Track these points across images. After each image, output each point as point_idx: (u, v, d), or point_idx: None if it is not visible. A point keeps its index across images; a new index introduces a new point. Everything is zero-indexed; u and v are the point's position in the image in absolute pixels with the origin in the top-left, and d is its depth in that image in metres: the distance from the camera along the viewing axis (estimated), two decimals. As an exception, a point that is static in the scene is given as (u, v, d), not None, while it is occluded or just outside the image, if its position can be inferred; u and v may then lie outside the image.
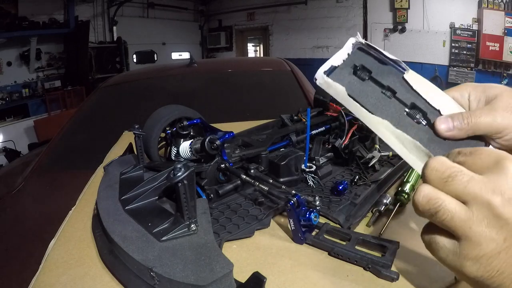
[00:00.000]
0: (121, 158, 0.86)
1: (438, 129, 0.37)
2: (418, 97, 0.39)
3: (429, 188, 0.31)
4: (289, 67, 2.13)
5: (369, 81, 0.42)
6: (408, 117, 0.40)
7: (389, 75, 0.41)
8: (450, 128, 0.37)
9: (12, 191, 1.29)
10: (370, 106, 0.40)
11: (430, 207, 0.30)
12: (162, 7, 7.63)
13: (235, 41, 8.52)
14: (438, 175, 0.30)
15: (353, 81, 0.42)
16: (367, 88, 0.41)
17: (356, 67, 0.42)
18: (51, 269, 0.54)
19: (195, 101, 1.67)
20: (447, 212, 0.29)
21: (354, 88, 0.41)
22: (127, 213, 0.58)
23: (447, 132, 0.37)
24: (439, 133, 0.37)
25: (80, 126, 1.77)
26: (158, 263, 0.45)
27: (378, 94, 0.41)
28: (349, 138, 0.81)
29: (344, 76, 0.42)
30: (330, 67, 0.43)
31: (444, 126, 0.37)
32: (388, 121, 0.39)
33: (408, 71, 0.40)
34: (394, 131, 0.39)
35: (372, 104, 0.40)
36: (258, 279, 0.44)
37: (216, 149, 0.69)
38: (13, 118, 5.38)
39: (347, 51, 0.43)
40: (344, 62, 0.43)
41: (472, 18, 5.82)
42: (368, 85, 0.42)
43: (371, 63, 0.42)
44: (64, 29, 5.81)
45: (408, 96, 0.40)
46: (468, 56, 6.00)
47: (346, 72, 0.42)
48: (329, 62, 0.43)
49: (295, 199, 0.55)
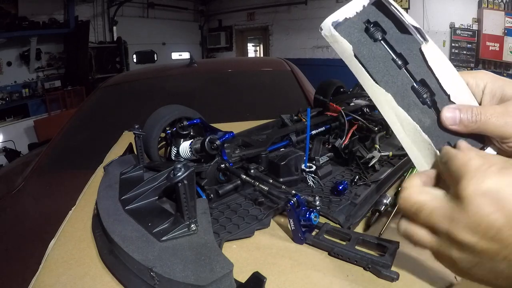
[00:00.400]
0: (121, 158, 0.86)
1: (443, 119, 0.35)
2: (430, 74, 0.35)
3: (405, 223, 0.34)
4: (289, 67, 2.13)
5: (381, 43, 0.36)
6: (414, 94, 0.36)
7: (405, 41, 0.36)
8: (456, 121, 0.34)
9: (12, 191, 1.29)
10: (376, 73, 0.36)
11: (408, 239, 0.34)
12: (162, 7, 7.62)
13: (235, 41, 8.51)
14: (407, 210, 0.33)
15: (363, 40, 0.36)
16: (377, 51, 0.36)
17: (370, 23, 0.36)
18: (51, 269, 0.54)
19: (195, 101, 1.67)
20: (422, 243, 0.32)
21: (362, 48, 0.36)
22: (127, 213, 0.58)
23: (452, 125, 0.35)
24: (442, 123, 0.35)
25: (80, 126, 1.77)
26: (158, 263, 0.45)
27: (388, 61, 0.36)
28: (349, 138, 0.81)
29: (354, 32, 0.37)
30: (339, 18, 0.37)
31: (450, 119, 0.34)
32: (391, 95, 0.36)
33: (428, 42, 0.35)
34: (396, 108, 0.36)
35: (378, 71, 0.36)
36: (258, 279, 0.44)
37: (216, 149, 0.69)
38: (13, 118, 5.38)
39: (363, 2, 0.36)
40: (357, 14, 0.37)
41: (472, 18, 5.82)
42: (379, 47, 0.36)
43: (388, 23, 0.36)
44: (64, 29, 5.81)
45: (421, 70, 0.36)
46: (468, 56, 6.00)
47: (357, 27, 0.37)
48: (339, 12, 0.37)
49: (295, 199, 0.55)
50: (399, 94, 0.36)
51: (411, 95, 0.36)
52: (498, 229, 0.27)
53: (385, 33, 0.36)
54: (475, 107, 0.34)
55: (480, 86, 0.37)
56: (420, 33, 0.36)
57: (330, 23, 0.37)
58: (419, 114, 0.36)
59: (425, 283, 0.47)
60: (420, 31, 0.36)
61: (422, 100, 0.36)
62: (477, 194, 0.27)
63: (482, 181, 0.27)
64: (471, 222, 0.27)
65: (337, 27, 0.37)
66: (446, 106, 0.35)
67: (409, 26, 0.36)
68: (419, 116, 0.36)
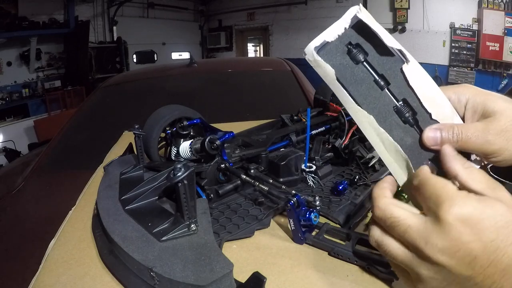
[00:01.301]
0: (121, 158, 0.86)
1: (424, 140, 0.35)
2: (412, 94, 0.36)
3: (378, 232, 0.34)
4: (289, 67, 2.13)
5: (363, 65, 0.37)
6: (396, 114, 0.37)
7: (387, 62, 0.37)
8: (437, 141, 0.35)
9: (12, 191, 1.29)
10: (358, 96, 0.37)
11: (379, 249, 0.34)
12: (162, 7, 7.62)
13: (235, 41, 8.51)
14: (382, 222, 0.33)
15: (345, 63, 0.37)
16: (359, 73, 0.37)
17: (352, 45, 0.37)
18: (51, 269, 0.54)
19: (195, 101, 1.67)
20: (393, 256, 0.33)
21: (344, 72, 0.37)
22: (127, 213, 0.58)
23: (433, 145, 0.35)
24: (424, 143, 0.35)
25: (80, 126, 1.77)
26: (158, 263, 0.45)
27: (370, 83, 0.37)
28: (349, 138, 0.81)
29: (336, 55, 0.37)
30: (322, 42, 0.37)
31: (431, 139, 0.35)
32: (373, 116, 0.36)
33: (409, 62, 0.36)
34: (378, 129, 0.36)
35: (360, 93, 0.37)
36: (258, 279, 0.44)
37: (216, 149, 0.69)
38: (13, 118, 5.38)
39: (345, 25, 0.36)
40: (339, 37, 0.37)
41: (472, 18, 5.82)
42: (361, 69, 0.37)
43: (370, 45, 0.37)
44: (64, 29, 5.81)
45: (402, 90, 0.36)
46: (468, 56, 6.00)
47: (339, 50, 0.37)
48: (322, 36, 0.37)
49: (295, 199, 0.55)
50: (381, 115, 0.37)
51: (393, 115, 0.37)
52: (475, 257, 0.28)
53: (367, 54, 0.37)
54: (456, 126, 0.35)
55: (462, 102, 0.37)
56: (402, 53, 0.36)
57: (312, 48, 0.37)
58: (401, 134, 0.37)
59: (425, 283, 0.47)
60: (401, 52, 0.36)
61: (404, 120, 0.37)
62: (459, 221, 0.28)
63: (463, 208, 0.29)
64: (450, 247, 0.28)
65: (319, 52, 0.37)
66: (428, 127, 0.35)
67: (390, 48, 0.36)
68: (401, 136, 0.37)
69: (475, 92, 0.37)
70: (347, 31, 0.37)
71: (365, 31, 0.36)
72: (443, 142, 0.35)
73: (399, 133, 0.37)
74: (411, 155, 0.36)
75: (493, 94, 0.36)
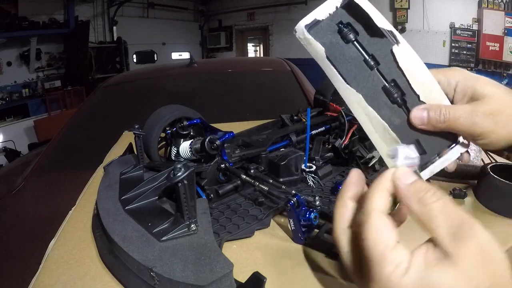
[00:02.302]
0: (121, 158, 0.86)
1: (412, 119, 0.35)
2: (401, 75, 0.36)
3: None
4: (289, 67, 2.13)
5: (353, 44, 0.37)
6: (385, 94, 0.37)
7: (377, 43, 0.36)
8: (424, 121, 0.35)
9: (12, 191, 1.29)
10: (348, 75, 0.37)
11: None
12: (162, 7, 7.62)
13: (235, 41, 8.52)
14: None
15: (335, 42, 0.37)
16: (349, 52, 0.37)
17: (342, 24, 0.37)
18: (51, 269, 0.54)
19: (195, 101, 1.67)
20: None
21: (334, 50, 0.37)
22: (127, 213, 0.58)
23: (420, 124, 0.35)
24: (412, 122, 0.36)
25: (80, 126, 1.77)
26: (158, 263, 0.45)
27: (360, 62, 0.37)
28: (349, 138, 0.81)
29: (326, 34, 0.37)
30: (312, 21, 0.37)
31: (418, 119, 0.35)
32: (362, 95, 0.37)
33: (400, 44, 0.36)
34: (366, 107, 0.37)
35: (350, 72, 0.37)
36: (258, 279, 0.44)
37: (216, 149, 0.69)
38: (13, 118, 5.38)
39: (336, 3, 0.36)
40: (330, 16, 0.37)
41: (472, 18, 5.82)
42: (351, 49, 0.37)
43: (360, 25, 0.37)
44: (64, 29, 5.81)
45: (392, 71, 0.36)
46: (468, 56, 6.00)
47: (330, 29, 0.37)
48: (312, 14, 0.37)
49: (295, 199, 0.55)
50: (369, 94, 0.37)
51: (382, 95, 0.37)
52: None
53: (358, 34, 0.37)
54: (444, 107, 0.35)
55: (452, 84, 0.37)
56: (393, 35, 0.36)
57: (303, 25, 0.37)
58: (389, 114, 0.37)
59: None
60: (392, 33, 0.36)
61: (393, 100, 0.37)
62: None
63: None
64: None
65: (310, 30, 0.37)
66: (416, 107, 0.36)
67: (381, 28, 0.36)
68: (389, 115, 0.37)
69: (465, 75, 0.37)
70: (338, 10, 0.37)
71: (356, 11, 0.36)
72: (430, 122, 0.35)
73: (387, 112, 0.37)
74: (399, 135, 0.36)
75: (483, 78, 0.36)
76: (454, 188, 0.69)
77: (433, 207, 0.27)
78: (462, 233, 0.25)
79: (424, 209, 0.28)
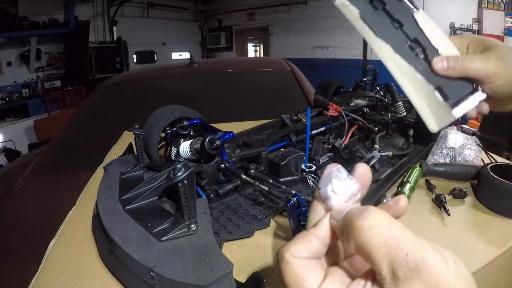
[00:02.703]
0: (121, 158, 0.86)
1: (434, 66, 0.41)
2: (421, 34, 0.44)
3: None
4: (289, 67, 2.13)
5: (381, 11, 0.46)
6: (409, 48, 0.44)
7: (400, 10, 0.45)
8: (445, 67, 0.40)
9: (12, 191, 1.29)
10: (378, 31, 0.45)
11: None
12: (162, 7, 7.62)
13: (235, 41, 8.51)
14: None
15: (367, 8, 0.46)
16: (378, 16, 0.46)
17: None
18: (51, 269, 0.54)
19: (195, 101, 1.67)
20: None
21: (367, 14, 0.46)
22: (127, 213, 0.58)
23: (442, 70, 0.41)
24: (434, 69, 0.41)
25: (80, 126, 1.77)
26: (158, 263, 0.45)
27: (387, 24, 0.45)
28: (349, 138, 0.81)
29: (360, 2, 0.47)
30: None
31: (439, 64, 0.41)
32: (390, 46, 0.44)
33: (419, 11, 0.45)
34: (394, 55, 0.44)
35: (379, 29, 0.45)
36: (258, 279, 0.44)
37: (216, 149, 0.69)
38: (13, 118, 5.38)
39: None
40: None
41: (472, 18, 5.82)
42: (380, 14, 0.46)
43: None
44: (64, 29, 5.80)
45: (413, 31, 0.44)
46: (468, 56, 6.01)
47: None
48: None
49: (295, 199, 0.55)
50: (396, 46, 0.44)
51: (406, 49, 0.44)
52: None
53: (385, 4, 0.46)
54: (460, 55, 0.41)
55: (464, 43, 0.45)
56: (413, 4, 0.45)
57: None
58: (413, 62, 0.43)
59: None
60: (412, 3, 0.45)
61: (416, 53, 0.44)
62: None
63: None
64: None
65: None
66: (436, 56, 0.42)
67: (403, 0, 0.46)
68: (414, 64, 0.43)
69: (474, 36, 0.45)
70: None
71: None
72: (450, 67, 0.40)
73: (412, 61, 0.43)
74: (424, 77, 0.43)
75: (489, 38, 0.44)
76: (454, 188, 0.69)
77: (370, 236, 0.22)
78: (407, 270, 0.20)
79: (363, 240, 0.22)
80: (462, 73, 0.40)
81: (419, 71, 0.43)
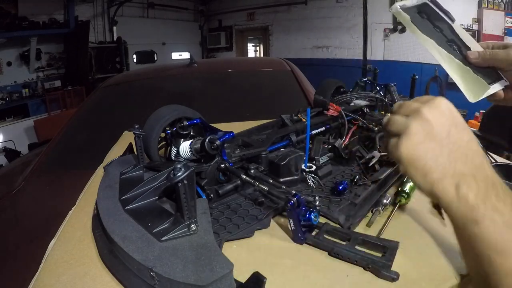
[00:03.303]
0: (121, 158, 0.86)
1: (468, 56, 0.59)
2: (457, 37, 0.62)
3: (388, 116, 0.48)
4: (289, 67, 2.13)
5: (426, 19, 0.63)
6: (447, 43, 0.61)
7: (440, 21, 0.64)
8: (477, 56, 0.58)
9: (12, 191, 1.29)
10: (424, 31, 0.62)
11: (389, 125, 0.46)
12: (162, 7, 7.62)
13: (235, 41, 8.51)
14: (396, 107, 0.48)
15: (416, 16, 0.63)
16: (424, 22, 0.63)
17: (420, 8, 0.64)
18: (51, 269, 0.54)
19: (195, 101, 1.67)
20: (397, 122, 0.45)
21: (416, 19, 0.63)
22: (127, 213, 0.58)
23: (474, 59, 0.59)
24: (468, 59, 0.59)
25: (80, 126, 1.77)
26: (158, 263, 0.45)
27: (431, 27, 0.63)
28: (349, 138, 0.81)
29: (410, 11, 0.64)
30: (403, 5, 0.64)
31: (472, 55, 0.59)
32: (434, 40, 0.61)
33: (455, 22, 0.64)
34: (438, 48, 0.61)
35: (425, 30, 0.62)
36: (258, 279, 0.44)
37: (216, 149, 0.69)
38: (13, 118, 5.38)
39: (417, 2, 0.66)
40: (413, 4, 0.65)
41: (472, 18, 5.81)
42: (425, 21, 0.63)
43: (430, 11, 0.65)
44: (64, 29, 5.80)
45: (450, 35, 0.62)
46: (468, 56, 6.01)
47: (412, 10, 0.64)
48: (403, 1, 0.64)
49: (295, 199, 0.55)
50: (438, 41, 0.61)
51: (446, 44, 0.61)
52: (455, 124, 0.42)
53: (429, 15, 0.63)
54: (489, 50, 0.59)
55: (490, 46, 0.61)
56: (449, 16, 0.65)
57: (398, 5, 0.64)
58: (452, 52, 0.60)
59: (425, 283, 0.47)
60: (449, 15, 0.65)
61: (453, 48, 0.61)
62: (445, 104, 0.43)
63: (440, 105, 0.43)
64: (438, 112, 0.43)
65: (401, 8, 0.64)
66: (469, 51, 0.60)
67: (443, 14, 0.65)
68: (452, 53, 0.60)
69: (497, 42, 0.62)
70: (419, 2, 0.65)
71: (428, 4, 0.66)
72: (480, 57, 0.58)
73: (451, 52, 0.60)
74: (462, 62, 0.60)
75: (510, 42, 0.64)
76: (454, 188, 0.69)
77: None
78: None
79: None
80: (490, 62, 0.58)
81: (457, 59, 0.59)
